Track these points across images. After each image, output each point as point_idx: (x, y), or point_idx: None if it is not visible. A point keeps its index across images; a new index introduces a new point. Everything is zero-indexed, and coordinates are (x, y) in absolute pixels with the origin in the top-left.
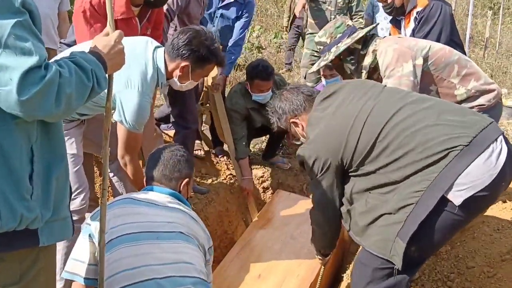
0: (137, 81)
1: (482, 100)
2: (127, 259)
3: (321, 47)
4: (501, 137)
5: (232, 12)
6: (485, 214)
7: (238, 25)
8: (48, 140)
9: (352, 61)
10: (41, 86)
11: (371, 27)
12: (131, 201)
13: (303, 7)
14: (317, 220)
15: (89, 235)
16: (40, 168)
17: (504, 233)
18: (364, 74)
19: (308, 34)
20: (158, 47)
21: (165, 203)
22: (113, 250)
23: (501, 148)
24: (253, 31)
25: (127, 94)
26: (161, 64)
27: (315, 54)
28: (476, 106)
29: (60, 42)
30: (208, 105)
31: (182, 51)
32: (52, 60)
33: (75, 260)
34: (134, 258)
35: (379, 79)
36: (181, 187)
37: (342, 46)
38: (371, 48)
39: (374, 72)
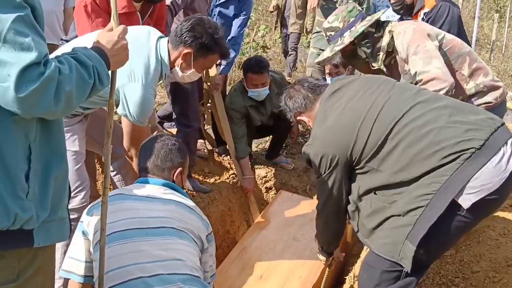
0: (140, 74)
1: (489, 98)
2: (116, 258)
3: (332, 33)
4: (511, 139)
5: (230, 10)
6: (491, 218)
7: (236, 23)
8: (48, 139)
9: (368, 44)
10: (39, 83)
11: (383, 10)
12: (122, 197)
13: (318, 3)
14: (322, 215)
15: (82, 232)
16: (37, 167)
17: (510, 237)
18: (381, 56)
19: (315, 32)
20: (161, 37)
21: (159, 195)
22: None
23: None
24: (258, 30)
25: (130, 87)
26: (164, 54)
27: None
28: (483, 104)
29: (61, 39)
30: (208, 104)
31: (185, 37)
32: (53, 55)
33: (70, 258)
34: (122, 256)
35: (394, 64)
36: (175, 177)
37: (360, 28)
38: (387, 29)
39: (389, 55)
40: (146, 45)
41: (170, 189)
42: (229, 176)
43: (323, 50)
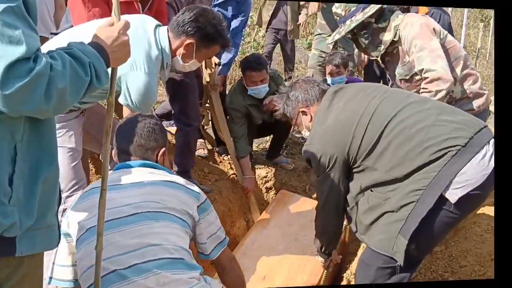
0: (142, 62)
1: (473, 105)
2: (90, 255)
3: (337, 18)
4: (492, 140)
5: (228, 11)
6: (476, 215)
7: (235, 24)
8: (38, 139)
9: (366, 35)
10: (27, 80)
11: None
12: (97, 190)
13: (319, 6)
14: (322, 215)
15: (63, 235)
16: (24, 170)
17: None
18: (382, 48)
19: (317, 34)
20: (159, 25)
21: (138, 179)
22: (80, 247)
23: (493, 150)
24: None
25: (133, 75)
26: (165, 43)
27: (323, 55)
28: (467, 110)
29: (51, 33)
30: (207, 105)
31: (187, 27)
32: (45, 47)
33: (56, 265)
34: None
35: (396, 53)
36: (158, 158)
37: (354, 23)
38: (393, 24)
39: (393, 44)
40: (144, 34)
41: (150, 168)
42: (229, 176)
43: (323, 51)
